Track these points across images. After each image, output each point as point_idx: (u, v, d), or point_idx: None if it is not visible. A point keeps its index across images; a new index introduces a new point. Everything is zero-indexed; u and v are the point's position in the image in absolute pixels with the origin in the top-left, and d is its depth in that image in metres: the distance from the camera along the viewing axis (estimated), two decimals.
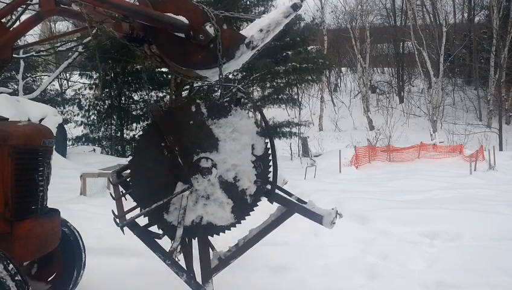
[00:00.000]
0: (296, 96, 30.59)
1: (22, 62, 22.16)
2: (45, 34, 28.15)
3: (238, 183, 3.01)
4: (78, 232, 3.94)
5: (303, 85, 27.73)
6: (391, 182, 12.43)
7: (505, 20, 32.87)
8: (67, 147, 19.94)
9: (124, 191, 3.44)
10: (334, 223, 3.10)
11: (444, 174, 14.54)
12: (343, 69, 48.04)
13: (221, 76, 3.05)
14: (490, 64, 33.45)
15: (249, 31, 3.11)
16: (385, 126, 26.91)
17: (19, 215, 3.05)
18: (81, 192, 9.81)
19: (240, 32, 3.09)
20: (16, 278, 2.61)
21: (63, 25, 30.73)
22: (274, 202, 3.19)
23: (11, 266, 2.62)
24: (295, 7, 3.08)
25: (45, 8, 2.88)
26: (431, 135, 25.07)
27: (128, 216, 3.04)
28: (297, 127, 25.67)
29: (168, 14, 2.95)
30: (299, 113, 32.30)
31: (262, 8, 24.19)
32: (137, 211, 3.09)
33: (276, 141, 24.75)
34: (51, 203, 3.50)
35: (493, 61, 33.05)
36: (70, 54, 22.24)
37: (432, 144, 21.12)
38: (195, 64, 3.11)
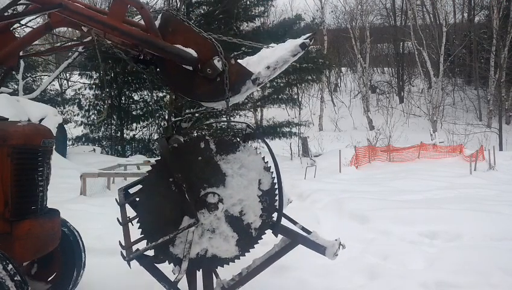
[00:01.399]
0: (296, 96, 30.58)
1: (22, 62, 22.16)
2: (47, 37, 28.06)
3: (244, 217, 3.02)
4: (77, 232, 3.94)
5: (303, 85, 27.73)
6: (391, 182, 12.40)
7: (505, 20, 32.84)
8: (67, 147, 19.95)
9: (130, 217, 3.44)
10: (337, 254, 3.20)
11: (444, 174, 14.50)
12: (343, 69, 48.11)
13: (228, 111, 3.07)
14: (490, 64, 33.43)
15: (256, 66, 3.09)
16: (385, 126, 26.85)
17: (19, 216, 3.05)
18: (81, 192, 9.82)
19: (246, 67, 3.06)
20: (15, 278, 2.61)
21: (63, 27, 30.67)
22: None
23: (10, 266, 2.62)
24: (303, 46, 3.08)
25: (54, 18, 2.88)
26: (431, 134, 24.99)
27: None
28: (297, 127, 25.68)
29: (178, 45, 2.94)
30: (299, 113, 32.32)
31: (262, 8, 24.18)
32: (144, 242, 3.07)
33: (276, 141, 24.65)
34: (50, 203, 3.49)
35: (493, 61, 33.03)
36: (70, 54, 22.24)
37: (432, 144, 21.05)
38: (201, 97, 3.13)
